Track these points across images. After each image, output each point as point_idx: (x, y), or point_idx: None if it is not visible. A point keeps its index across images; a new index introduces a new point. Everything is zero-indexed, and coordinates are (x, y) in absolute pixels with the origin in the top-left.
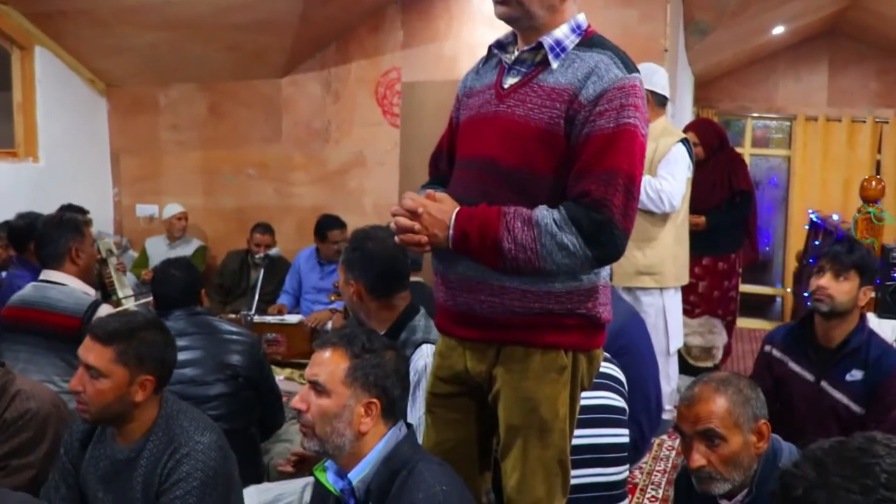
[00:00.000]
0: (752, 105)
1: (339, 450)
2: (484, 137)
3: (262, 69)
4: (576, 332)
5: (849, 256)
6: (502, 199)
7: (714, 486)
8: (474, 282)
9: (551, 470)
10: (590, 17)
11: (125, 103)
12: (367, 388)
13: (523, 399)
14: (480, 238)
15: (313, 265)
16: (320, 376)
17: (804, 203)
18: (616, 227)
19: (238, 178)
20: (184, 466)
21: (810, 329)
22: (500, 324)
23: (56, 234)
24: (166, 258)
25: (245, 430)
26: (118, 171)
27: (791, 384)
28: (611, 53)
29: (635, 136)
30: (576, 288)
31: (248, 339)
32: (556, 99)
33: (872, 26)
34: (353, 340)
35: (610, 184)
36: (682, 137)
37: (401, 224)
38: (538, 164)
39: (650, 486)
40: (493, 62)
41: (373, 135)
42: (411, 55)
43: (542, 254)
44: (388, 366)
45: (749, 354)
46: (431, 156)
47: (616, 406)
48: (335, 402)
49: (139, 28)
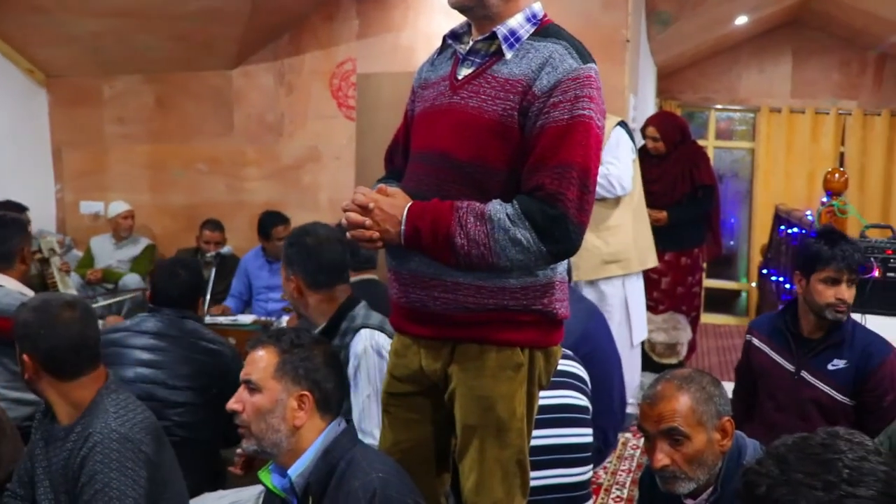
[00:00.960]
0: (715, 97)
1: (277, 447)
2: (437, 130)
3: (211, 60)
4: (532, 329)
5: (857, 260)
6: (456, 192)
7: (678, 486)
8: (427, 278)
9: (509, 470)
10: (551, 7)
11: (67, 95)
12: (298, 380)
13: (479, 398)
14: (433, 233)
15: (261, 264)
16: (252, 375)
17: (768, 196)
18: (570, 222)
19: (188, 174)
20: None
21: (793, 320)
22: (454, 321)
23: (6, 234)
24: (173, 257)
25: (208, 441)
26: (60, 166)
27: (771, 374)
28: (566, 43)
29: (590, 127)
30: (531, 283)
31: (228, 353)
32: (509, 90)
33: (835, 17)
34: (281, 337)
35: (564, 177)
36: (620, 121)
37: (352, 220)
38: (492, 156)
39: (615, 486)
40: (448, 53)
41: (328, 128)
42: (367, 46)
43: (495, 249)
44: (318, 359)
45: (714, 350)
46: (387, 150)
47: (579, 405)
48: (267, 397)
49: (81, 15)
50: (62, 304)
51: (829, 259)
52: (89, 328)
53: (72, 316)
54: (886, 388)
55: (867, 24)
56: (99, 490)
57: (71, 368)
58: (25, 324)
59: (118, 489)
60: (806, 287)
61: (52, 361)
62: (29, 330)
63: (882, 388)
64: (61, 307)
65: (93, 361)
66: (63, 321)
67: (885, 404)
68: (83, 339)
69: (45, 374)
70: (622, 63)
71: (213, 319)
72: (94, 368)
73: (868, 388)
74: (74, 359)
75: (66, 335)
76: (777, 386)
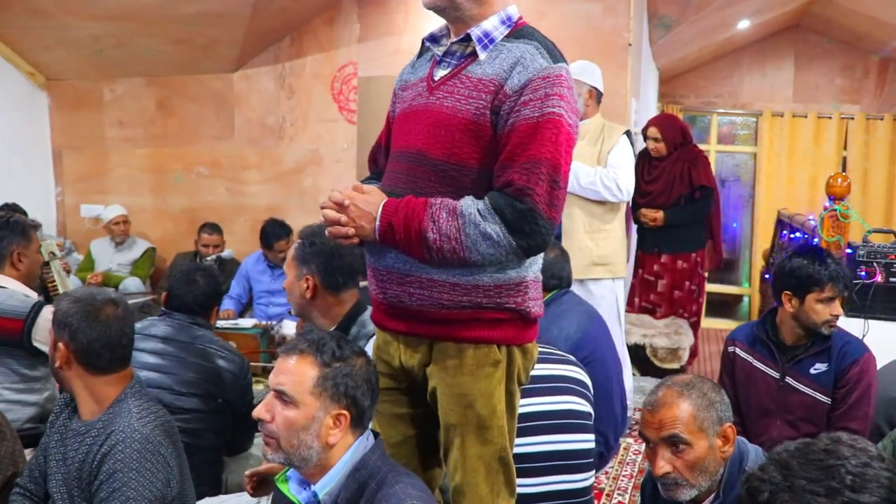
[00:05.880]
0: (717, 101)
1: (306, 462)
2: (414, 130)
3: (212, 63)
4: (507, 326)
5: (848, 276)
6: (430, 190)
7: (680, 493)
8: (403, 274)
9: (492, 467)
10: (552, 12)
11: (68, 98)
12: (337, 398)
13: (459, 395)
14: (406, 229)
15: (263, 269)
16: (286, 385)
17: (771, 201)
18: (540, 217)
19: (188, 177)
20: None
21: (772, 327)
22: (429, 318)
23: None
24: (192, 263)
25: (212, 449)
26: (61, 169)
27: (757, 382)
28: (537, 44)
29: (560, 125)
30: (504, 282)
31: (238, 361)
32: (482, 90)
33: (837, 21)
34: (322, 347)
35: (533, 173)
36: (626, 129)
37: (328, 217)
38: (465, 154)
39: (617, 491)
40: (427, 55)
41: (329, 131)
42: (368, 49)
43: (466, 244)
44: (359, 374)
45: (716, 355)
46: (371, 151)
47: (581, 411)
48: (303, 413)
49: (82, 19)
50: (107, 299)
51: (827, 280)
52: (127, 327)
53: (114, 313)
54: (853, 387)
55: (869, 28)
56: (117, 489)
57: (103, 363)
58: (67, 313)
59: (136, 489)
60: (800, 307)
61: (87, 354)
62: (70, 319)
63: (849, 385)
64: (105, 303)
65: (124, 360)
66: (105, 316)
67: (849, 401)
68: (121, 337)
69: (77, 365)
70: (624, 67)
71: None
72: (123, 367)
73: (838, 385)
74: (109, 354)
75: (105, 330)
76: (763, 393)
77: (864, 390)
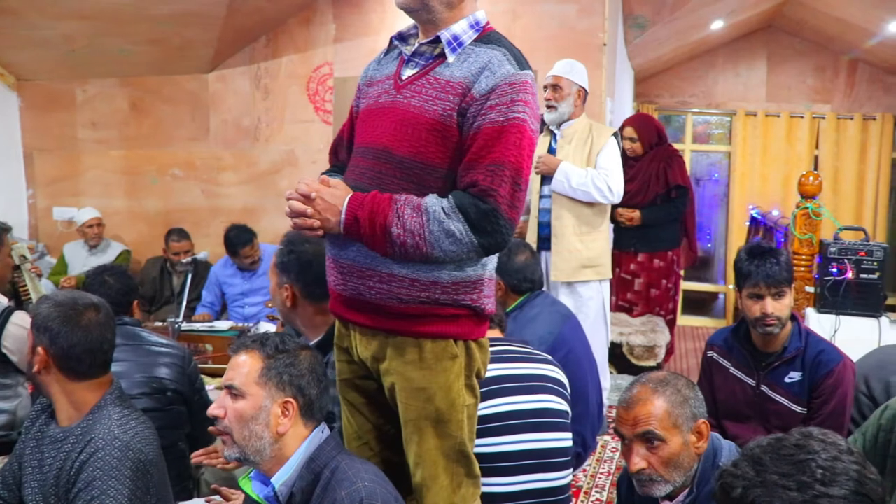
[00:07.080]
0: (691, 100)
1: (260, 454)
2: (380, 126)
3: (186, 64)
4: (463, 322)
5: (782, 273)
6: (395, 187)
7: (655, 489)
8: (364, 268)
9: (452, 459)
10: (528, 12)
11: (39, 99)
12: (282, 387)
13: (418, 389)
14: (370, 223)
15: (233, 272)
16: (235, 379)
17: (745, 199)
18: (502, 216)
19: (163, 179)
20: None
21: (747, 335)
22: (387, 311)
23: None
24: (101, 264)
25: (173, 446)
26: (32, 171)
27: (734, 389)
28: (504, 50)
29: (524, 130)
30: (462, 280)
31: (177, 351)
32: (450, 92)
33: (809, 22)
34: (265, 342)
35: (497, 175)
36: (614, 132)
37: (294, 208)
38: (431, 153)
39: (594, 488)
40: (395, 53)
41: (305, 132)
42: (344, 50)
43: (429, 240)
44: (302, 365)
45: (692, 353)
46: (332, 144)
47: (559, 409)
48: (250, 403)
49: (53, 18)
50: (88, 304)
51: (749, 275)
52: (109, 332)
53: (96, 318)
54: (829, 397)
55: (840, 30)
56: (95, 497)
57: (83, 369)
58: (48, 317)
59: (115, 498)
60: (741, 302)
61: (66, 359)
62: (51, 324)
63: (825, 395)
64: (87, 307)
65: (104, 366)
66: (87, 321)
67: (826, 411)
68: (101, 342)
69: (56, 371)
70: (599, 67)
71: (189, 326)
72: (103, 373)
73: (814, 395)
74: (89, 360)
75: (86, 336)
76: (741, 400)
77: (839, 401)
